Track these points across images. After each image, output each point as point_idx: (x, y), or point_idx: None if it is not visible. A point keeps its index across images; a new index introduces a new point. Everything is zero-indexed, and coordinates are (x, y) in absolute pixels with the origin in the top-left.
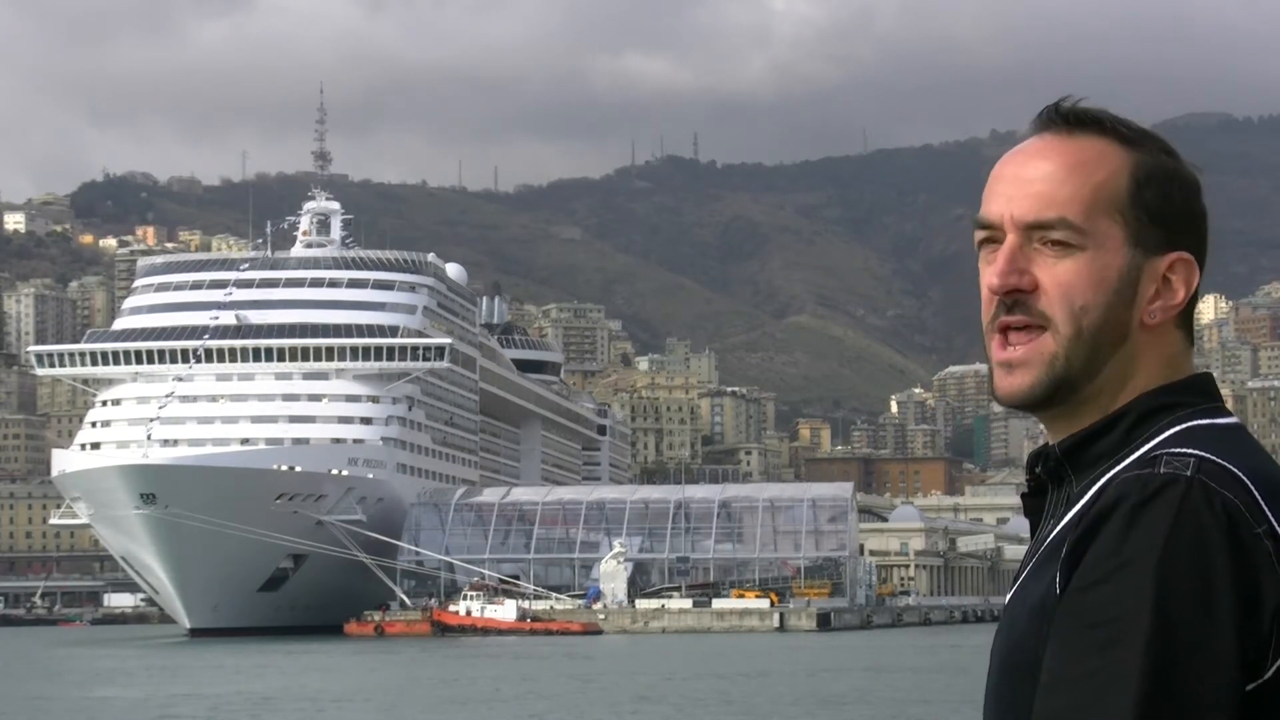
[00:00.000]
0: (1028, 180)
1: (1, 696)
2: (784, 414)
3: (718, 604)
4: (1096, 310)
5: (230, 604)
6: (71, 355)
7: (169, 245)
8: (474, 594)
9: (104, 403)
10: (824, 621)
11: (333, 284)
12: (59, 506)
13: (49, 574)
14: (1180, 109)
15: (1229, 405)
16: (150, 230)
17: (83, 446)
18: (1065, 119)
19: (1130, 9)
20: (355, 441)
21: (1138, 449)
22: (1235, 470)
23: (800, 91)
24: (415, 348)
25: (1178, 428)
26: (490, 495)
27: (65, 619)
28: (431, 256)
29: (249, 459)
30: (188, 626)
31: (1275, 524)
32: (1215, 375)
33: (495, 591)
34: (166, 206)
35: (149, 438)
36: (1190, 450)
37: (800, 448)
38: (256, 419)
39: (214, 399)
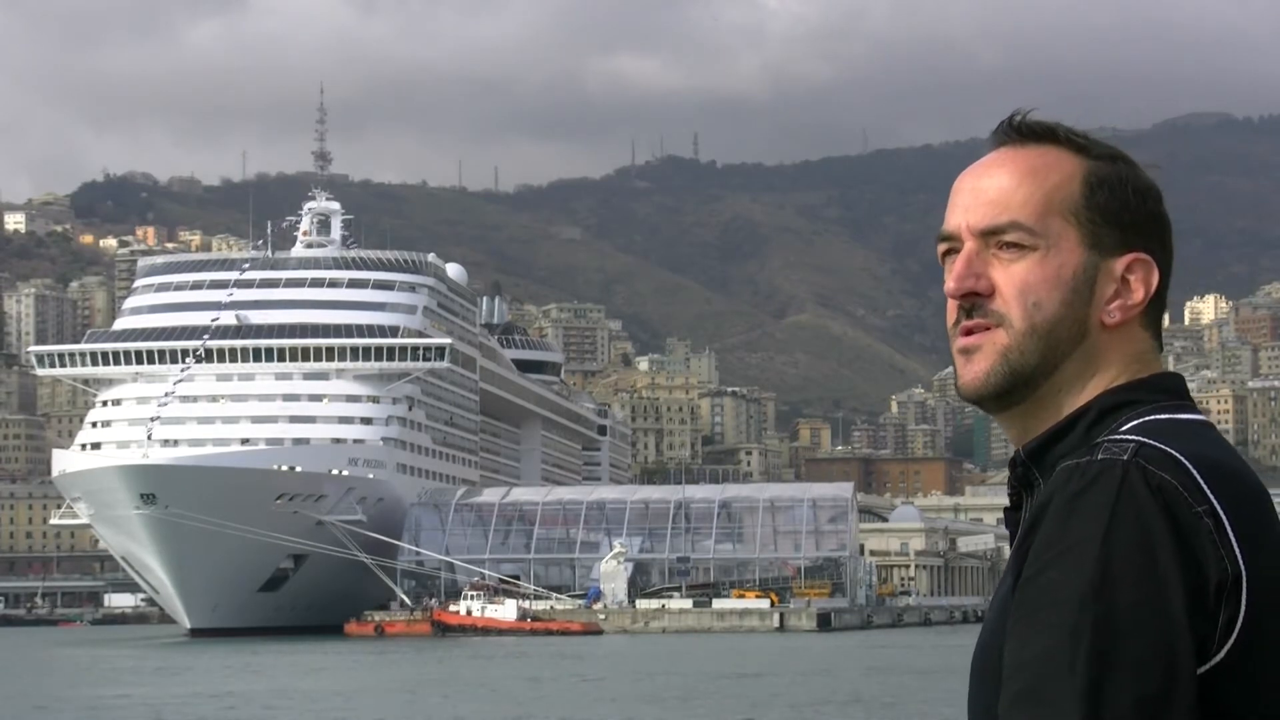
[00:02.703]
0: (982, 190)
1: (2, 697)
2: (784, 414)
3: (718, 604)
4: (1050, 306)
5: (230, 604)
6: (71, 355)
7: (169, 245)
8: (474, 594)
9: (104, 403)
10: (824, 622)
11: (333, 284)
12: (59, 506)
13: (49, 574)
14: (1180, 109)
15: (1229, 405)
16: (150, 230)
17: (83, 446)
18: (1018, 132)
19: (1130, 9)
20: (355, 442)
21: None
22: (1174, 453)
23: (796, 91)
24: (415, 348)
25: (1134, 423)
26: (490, 495)
27: (65, 619)
28: (431, 256)
29: (249, 459)
30: (188, 627)
31: (1217, 504)
32: (1215, 375)
33: (495, 591)
34: (166, 206)
35: (149, 438)
36: (1131, 437)
37: (800, 448)
38: (257, 419)
39: (214, 399)
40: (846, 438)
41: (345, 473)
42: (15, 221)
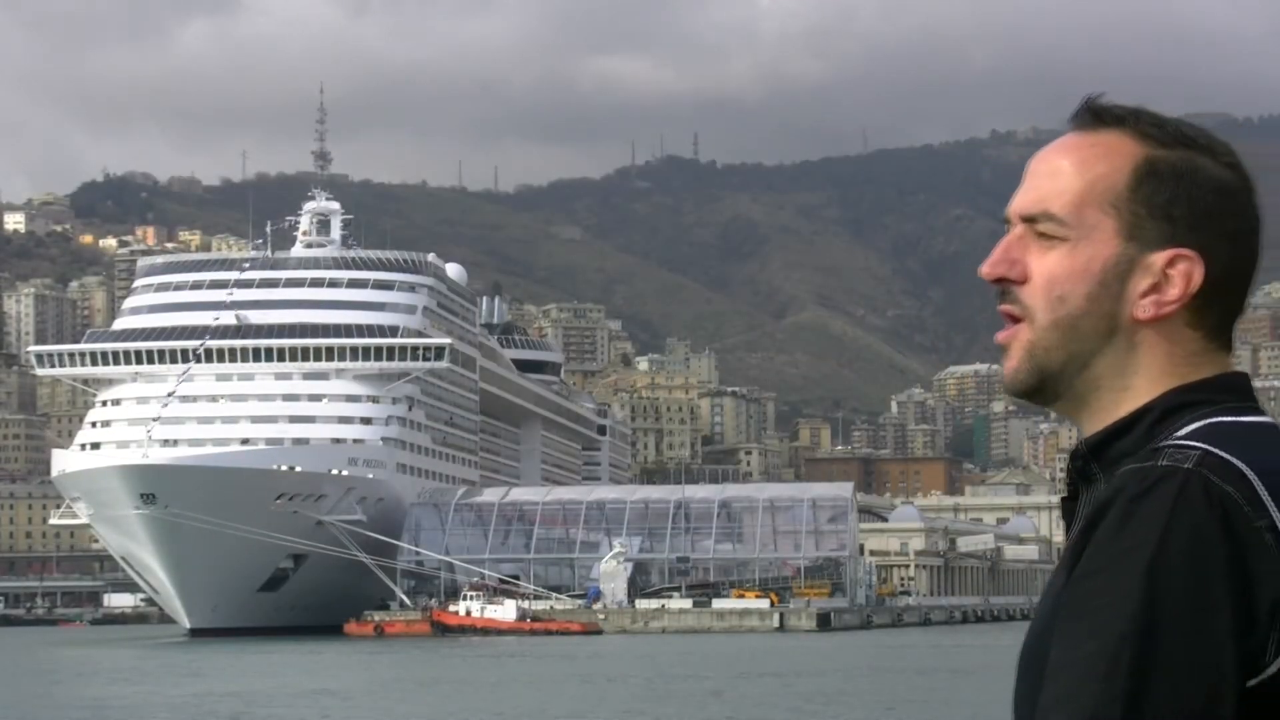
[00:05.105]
0: (1037, 175)
1: (2, 697)
2: (784, 414)
3: (718, 604)
4: (1074, 300)
5: (230, 604)
6: (71, 355)
7: (169, 245)
8: (474, 594)
9: (104, 403)
10: (824, 621)
11: (333, 284)
12: (59, 506)
13: (49, 574)
14: (1180, 109)
15: None
16: (150, 230)
17: (83, 446)
18: (1091, 115)
19: (1130, 9)
20: (355, 441)
21: (1156, 445)
22: (1238, 464)
23: (792, 90)
24: (415, 348)
25: (1198, 424)
26: (490, 495)
27: (65, 619)
28: (431, 257)
29: (249, 459)
30: (188, 626)
31: (1277, 519)
32: None
33: (495, 591)
34: (166, 206)
35: (149, 438)
36: (1196, 444)
37: (800, 448)
38: (256, 419)
39: (214, 399)
40: (846, 438)
41: (345, 473)
42: (15, 221)
